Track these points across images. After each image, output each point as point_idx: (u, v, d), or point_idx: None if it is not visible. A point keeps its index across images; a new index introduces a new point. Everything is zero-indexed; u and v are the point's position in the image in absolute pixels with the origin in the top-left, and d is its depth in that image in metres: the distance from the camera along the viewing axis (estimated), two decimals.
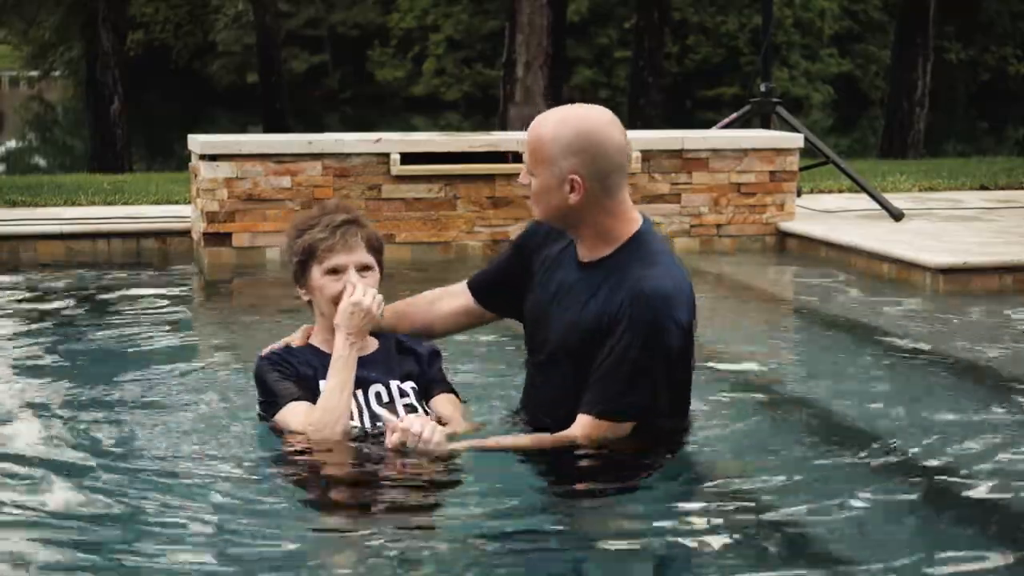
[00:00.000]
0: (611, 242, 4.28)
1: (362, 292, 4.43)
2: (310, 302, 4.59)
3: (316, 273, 4.52)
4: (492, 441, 4.37)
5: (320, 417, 4.36)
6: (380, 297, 4.48)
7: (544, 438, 4.29)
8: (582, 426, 4.24)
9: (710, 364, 6.26)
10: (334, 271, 4.50)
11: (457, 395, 4.70)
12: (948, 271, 8.34)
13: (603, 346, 4.20)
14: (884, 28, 40.11)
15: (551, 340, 4.40)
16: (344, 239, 4.52)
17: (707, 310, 7.94)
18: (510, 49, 19.71)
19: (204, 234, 9.38)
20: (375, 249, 4.59)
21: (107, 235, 9.81)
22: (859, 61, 42.06)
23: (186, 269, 9.33)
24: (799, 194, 10.74)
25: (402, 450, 4.21)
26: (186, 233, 9.87)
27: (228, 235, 9.39)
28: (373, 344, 4.62)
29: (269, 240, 9.38)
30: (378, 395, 4.52)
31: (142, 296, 8.21)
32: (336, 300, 4.46)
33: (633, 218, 4.32)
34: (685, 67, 40.20)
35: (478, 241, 9.65)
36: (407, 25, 43.74)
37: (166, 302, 8.09)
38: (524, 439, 4.36)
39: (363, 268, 4.53)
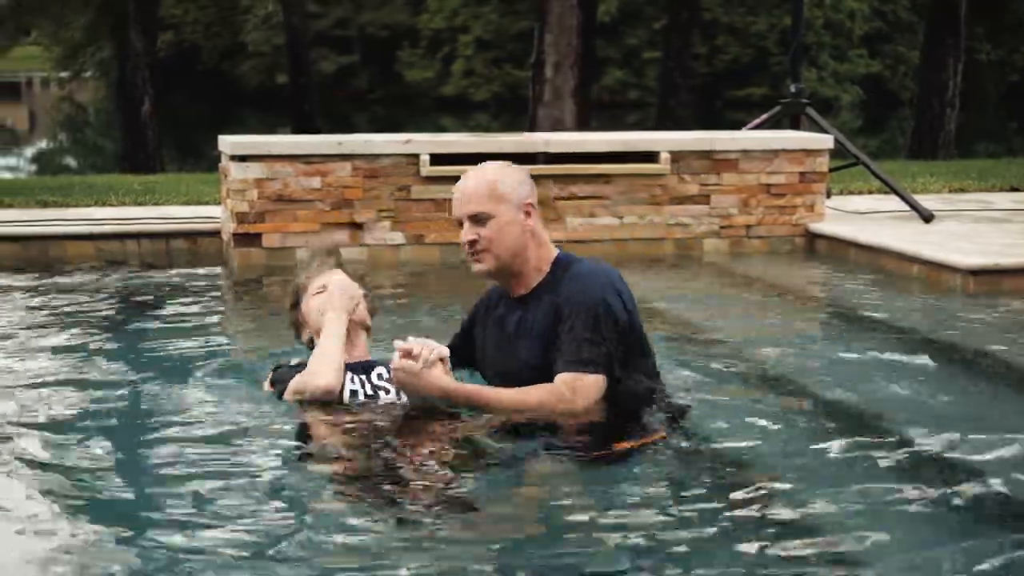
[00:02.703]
0: (541, 270, 4.94)
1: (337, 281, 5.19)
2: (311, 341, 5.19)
3: (307, 300, 5.26)
4: (489, 391, 4.85)
5: (313, 363, 4.90)
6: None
7: (531, 390, 4.77)
8: (562, 379, 4.76)
9: (737, 361, 6.27)
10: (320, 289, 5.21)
11: None
12: (978, 272, 8.32)
13: (558, 335, 4.80)
14: (913, 28, 39.97)
15: (515, 369, 4.92)
16: (320, 265, 5.35)
17: (735, 310, 7.99)
18: (539, 49, 19.69)
19: (234, 235, 9.41)
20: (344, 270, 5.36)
21: (137, 236, 9.85)
22: (888, 62, 41.92)
23: (216, 270, 9.36)
24: (829, 195, 10.72)
25: (403, 379, 4.72)
26: (216, 234, 9.90)
27: (258, 236, 9.42)
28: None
29: (299, 241, 9.40)
30: (379, 375, 5.00)
31: (172, 297, 8.24)
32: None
33: (551, 246, 5.02)
34: (715, 67, 40.14)
35: None
36: (436, 25, 43.80)
37: (195, 303, 8.11)
38: (511, 392, 4.79)
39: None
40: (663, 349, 6.05)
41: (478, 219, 4.83)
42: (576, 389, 4.73)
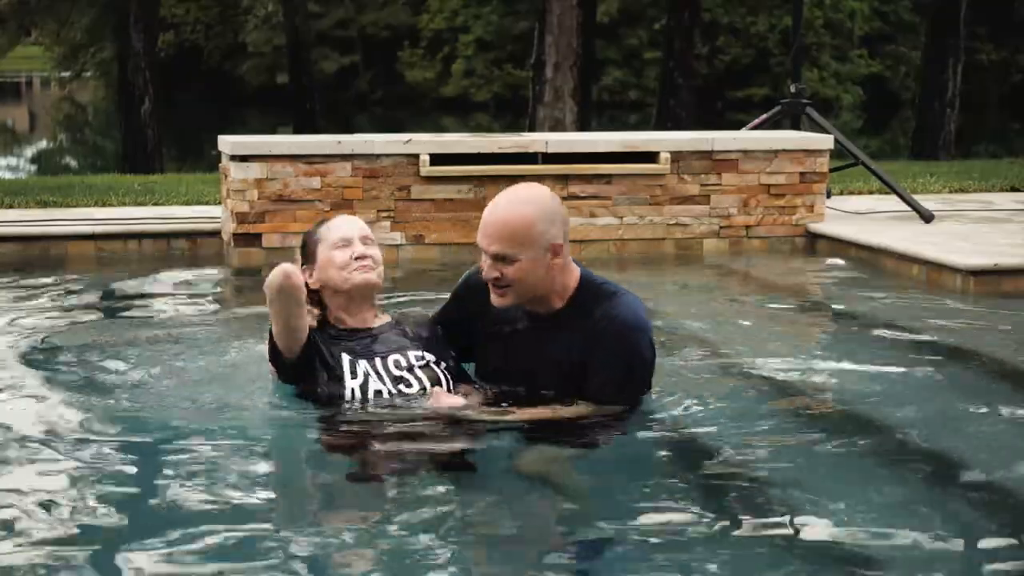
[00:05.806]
0: (564, 295, 4.83)
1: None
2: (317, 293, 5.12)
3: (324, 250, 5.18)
4: (528, 412, 4.81)
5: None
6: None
7: (560, 410, 4.78)
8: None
9: (736, 366, 6.28)
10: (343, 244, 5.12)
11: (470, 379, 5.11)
12: (979, 273, 8.31)
13: (585, 379, 4.77)
14: (915, 29, 39.94)
15: (514, 384, 4.95)
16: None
17: (735, 313, 7.98)
18: (539, 50, 19.70)
19: (234, 235, 9.41)
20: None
21: (138, 235, 9.86)
22: (889, 62, 41.88)
23: (216, 269, 9.36)
24: (829, 195, 10.72)
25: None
26: (216, 234, 9.90)
27: (258, 236, 9.43)
28: (384, 318, 5.07)
29: (299, 241, 9.39)
30: (396, 362, 4.90)
31: (172, 296, 8.24)
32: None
33: (575, 266, 4.89)
34: (715, 68, 40.09)
35: None
36: (437, 26, 43.76)
37: (196, 303, 8.11)
38: (543, 411, 4.80)
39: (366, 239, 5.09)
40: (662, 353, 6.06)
41: (502, 259, 4.72)
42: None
